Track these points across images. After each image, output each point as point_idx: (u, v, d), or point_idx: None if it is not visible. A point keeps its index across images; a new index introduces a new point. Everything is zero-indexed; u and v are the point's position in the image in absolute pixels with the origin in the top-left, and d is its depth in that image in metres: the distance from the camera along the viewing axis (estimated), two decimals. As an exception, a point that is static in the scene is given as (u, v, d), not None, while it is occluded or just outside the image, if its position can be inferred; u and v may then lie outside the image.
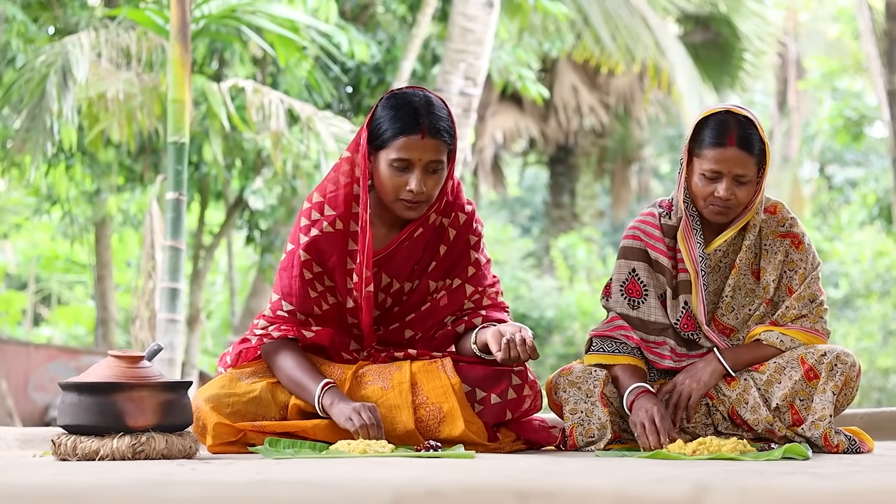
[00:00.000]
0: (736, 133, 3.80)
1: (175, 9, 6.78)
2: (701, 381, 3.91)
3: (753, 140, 3.82)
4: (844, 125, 19.79)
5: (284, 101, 8.46)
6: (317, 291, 3.83)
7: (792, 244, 3.98)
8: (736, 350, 3.96)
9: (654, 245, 3.99)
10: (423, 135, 3.68)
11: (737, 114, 3.84)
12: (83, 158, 11.92)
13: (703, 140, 3.83)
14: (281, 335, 3.82)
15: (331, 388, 3.69)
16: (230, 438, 3.71)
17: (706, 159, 3.82)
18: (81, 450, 3.30)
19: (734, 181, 3.81)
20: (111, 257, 15.65)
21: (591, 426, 3.91)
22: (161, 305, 6.78)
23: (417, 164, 3.69)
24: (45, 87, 7.61)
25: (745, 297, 4.00)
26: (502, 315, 3.99)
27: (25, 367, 15.65)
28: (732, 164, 3.79)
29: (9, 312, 24.76)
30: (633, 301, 4.00)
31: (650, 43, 13.78)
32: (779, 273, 3.97)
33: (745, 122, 3.82)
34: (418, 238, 3.84)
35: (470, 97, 9.74)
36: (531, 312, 18.73)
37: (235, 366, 3.93)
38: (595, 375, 3.95)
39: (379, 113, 3.75)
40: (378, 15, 12.57)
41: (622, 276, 4.03)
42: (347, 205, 3.81)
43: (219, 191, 12.85)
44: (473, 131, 11.66)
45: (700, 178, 3.85)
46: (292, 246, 3.86)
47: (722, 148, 3.79)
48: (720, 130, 3.81)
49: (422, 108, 3.71)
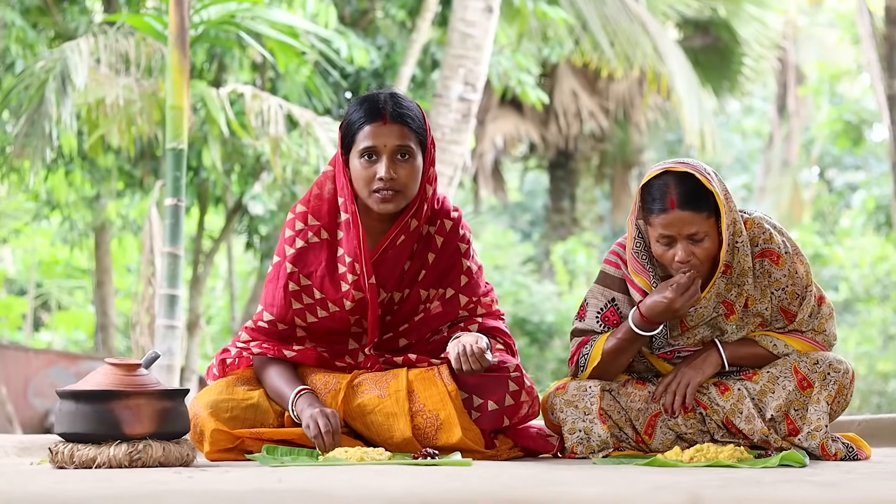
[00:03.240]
0: (676, 193, 3.67)
1: (173, 15, 6.78)
2: (699, 370, 3.88)
3: (698, 196, 3.68)
4: (844, 130, 19.78)
5: (283, 106, 8.46)
6: (302, 304, 3.83)
7: (771, 262, 3.87)
8: (733, 345, 3.93)
9: (632, 280, 3.93)
10: (385, 120, 3.71)
11: (676, 172, 3.70)
12: (83, 164, 11.92)
13: (648, 208, 3.73)
14: (261, 352, 3.83)
15: (303, 395, 3.69)
16: (227, 445, 3.71)
17: (654, 226, 3.71)
18: (78, 458, 3.30)
19: (689, 241, 3.70)
20: (111, 262, 15.64)
21: (592, 444, 3.88)
22: (159, 312, 6.77)
23: (384, 150, 3.70)
24: (43, 92, 7.61)
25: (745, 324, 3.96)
26: (497, 323, 3.98)
27: (25, 373, 15.65)
28: (680, 226, 3.67)
29: (9, 318, 24.74)
30: (608, 329, 3.95)
31: (649, 48, 13.76)
32: (768, 298, 3.91)
33: (686, 179, 3.68)
34: (402, 245, 3.83)
35: (469, 102, 9.73)
36: (531, 317, 18.72)
37: (223, 375, 3.94)
38: (591, 392, 3.90)
39: (346, 115, 3.80)
40: (377, 20, 12.57)
41: (600, 304, 3.96)
42: (332, 214, 3.83)
43: (218, 196, 12.84)
44: (473, 136, 11.65)
45: (656, 244, 3.75)
46: (278, 258, 3.87)
47: (664, 213, 3.67)
48: (660, 194, 3.69)
49: (384, 97, 3.75)
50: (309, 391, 3.71)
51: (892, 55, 14.37)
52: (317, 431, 3.55)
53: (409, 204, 3.79)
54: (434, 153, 3.83)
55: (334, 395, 3.79)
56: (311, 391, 3.72)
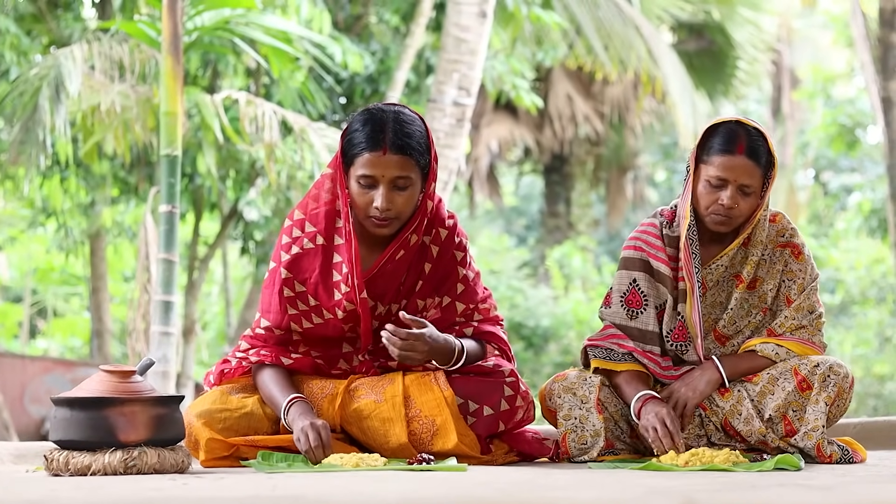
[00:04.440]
0: (745, 142, 3.81)
1: (167, 21, 6.77)
2: (697, 390, 3.91)
3: (761, 151, 3.83)
4: (839, 133, 19.79)
5: (278, 112, 8.45)
6: (297, 310, 3.82)
7: (792, 254, 3.99)
8: (732, 359, 3.96)
9: (656, 255, 3.99)
10: (384, 151, 3.64)
11: (747, 124, 3.85)
12: (78, 170, 11.92)
13: (712, 147, 3.84)
14: (259, 360, 3.82)
15: (295, 404, 3.68)
16: (223, 453, 3.71)
17: (713, 166, 3.82)
18: (74, 465, 3.29)
19: (739, 190, 3.82)
20: (106, 269, 15.64)
21: (585, 433, 3.91)
22: (154, 318, 6.77)
23: (381, 180, 3.65)
24: (38, 99, 7.61)
25: (749, 308, 4.00)
26: (494, 328, 3.98)
27: (21, 380, 15.66)
28: (739, 172, 3.80)
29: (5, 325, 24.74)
30: (633, 311, 4.00)
31: (643, 51, 13.77)
32: (777, 282, 3.98)
33: (755, 133, 3.84)
34: (400, 260, 3.82)
35: (464, 107, 9.73)
36: (527, 321, 18.73)
37: (219, 385, 3.93)
38: (590, 382, 3.95)
39: (349, 129, 3.73)
40: (371, 25, 12.57)
41: (622, 287, 4.03)
42: (329, 220, 3.81)
43: (213, 202, 12.84)
44: (468, 141, 11.65)
45: (705, 185, 3.85)
46: (274, 264, 3.86)
47: (730, 155, 3.80)
48: (729, 138, 3.82)
49: (388, 123, 3.66)
50: (301, 399, 3.70)
51: (886, 57, 14.37)
52: (307, 446, 3.54)
53: (410, 221, 3.77)
54: (436, 168, 3.79)
55: (331, 399, 3.78)
56: (303, 399, 3.71)
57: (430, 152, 3.76)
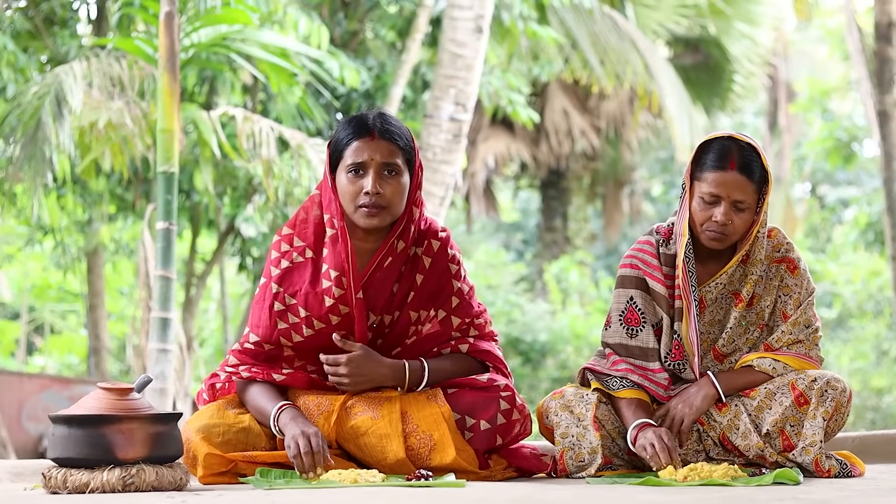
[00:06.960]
0: (737, 157, 3.81)
1: (163, 38, 6.78)
2: (693, 406, 3.91)
3: (754, 166, 3.83)
4: (835, 147, 19.81)
5: (275, 128, 8.47)
6: (288, 323, 3.82)
7: (787, 269, 3.98)
8: (728, 374, 3.96)
9: (652, 273, 3.99)
10: (373, 136, 3.74)
11: (740, 140, 3.85)
12: (75, 188, 11.91)
13: (705, 164, 3.85)
14: (250, 377, 3.82)
15: (286, 410, 3.69)
16: (221, 469, 3.70)
17: (706, 182, 3.83)
18: (72, 483, 3.29)
19: (732, 206, 3.82)
20: (103, 286, 15.62)
21: (582, 450, 3.90)
22: (152, 335, 6.77)
23: (371, 164, 3.73)
24: (40, 117, 7.61)
25: (747, 326, 3.99)
26: (489, 346, 3.98)
27: (19, 397, 15.63)
28: (731, 188, 3.80)
29: (2, 342, 24.73)
30: (632, 330, 3.99)
31: (639, 66, 13.80)
32: (773, 297, 3.97)
33: (748, 149, 3.84)
34: (389, 268, 3.83)
35: (460, 122, 9.75)
36: (524, 336, 18.71)
37: (213, 400, 3.93)
38: (587, 399, 3.94)
39: (335, 135, 3.84)
40: (367, 41, 12.58)
41: (621, 306, 4.02)
42: (318, 234, 3.85)
43: (210, 219, 12.84)
44: (465, 156, 11.66)
45: (699, 202, 3.85)
46: (265, 279, 3.88)
47: (722, 171, 3.80)
48: (721, 154, 3.82)
49: (372, 115, 3.80)
50: (291, 406, 3.71)
51: (881, 71, 14.39)
52: (296, 452, 3.54)
53: (395, 225, 3.80)
54: (421, 177, 3.86)
55: (327, 416, 3.78)
56: (293, 406, 3.71)
57: (415, 154, 3.83)
